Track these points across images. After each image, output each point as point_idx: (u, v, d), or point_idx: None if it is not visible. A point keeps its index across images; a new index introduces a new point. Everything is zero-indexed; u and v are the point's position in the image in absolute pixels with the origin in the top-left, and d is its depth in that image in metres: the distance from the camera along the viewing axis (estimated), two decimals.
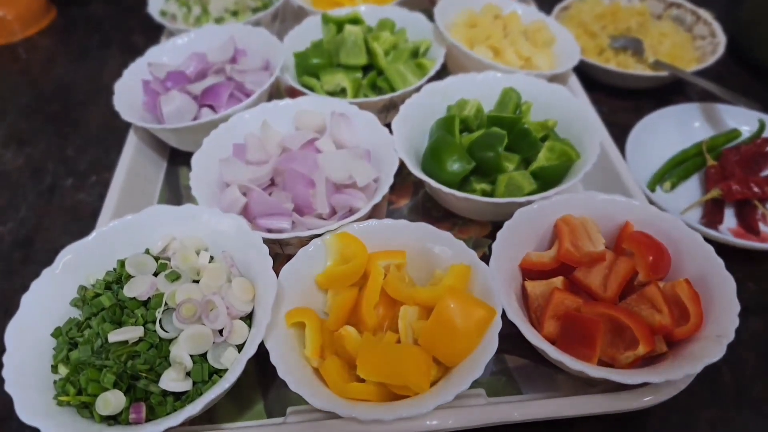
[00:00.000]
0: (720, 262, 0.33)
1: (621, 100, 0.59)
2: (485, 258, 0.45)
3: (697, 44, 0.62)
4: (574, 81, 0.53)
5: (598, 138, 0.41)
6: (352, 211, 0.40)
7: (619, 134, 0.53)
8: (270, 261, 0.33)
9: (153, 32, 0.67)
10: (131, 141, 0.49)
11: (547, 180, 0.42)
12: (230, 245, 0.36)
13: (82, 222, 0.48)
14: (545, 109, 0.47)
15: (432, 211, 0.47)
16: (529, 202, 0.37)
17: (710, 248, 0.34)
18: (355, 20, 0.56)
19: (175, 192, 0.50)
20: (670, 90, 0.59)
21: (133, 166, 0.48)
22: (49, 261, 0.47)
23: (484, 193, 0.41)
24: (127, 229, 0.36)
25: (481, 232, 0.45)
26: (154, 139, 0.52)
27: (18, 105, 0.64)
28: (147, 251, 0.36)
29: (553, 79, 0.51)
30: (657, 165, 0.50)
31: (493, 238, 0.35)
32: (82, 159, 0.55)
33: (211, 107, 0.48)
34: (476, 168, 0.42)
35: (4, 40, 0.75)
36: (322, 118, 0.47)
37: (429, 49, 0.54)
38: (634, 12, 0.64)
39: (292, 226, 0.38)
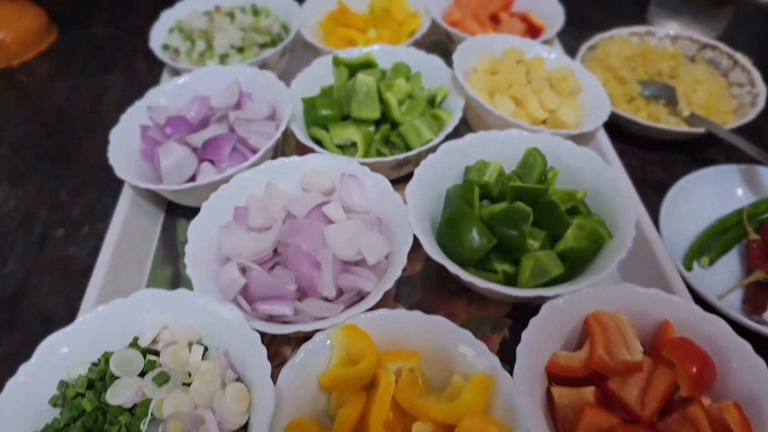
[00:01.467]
0: None
1: (652, 153, 0.55)
2: (505, 343, 0.41)
3: (735, 92, 0.57)
4: (603, 137, 0.49)
5: (633, 215, 0.37)
6: (360, 293, 0.37)
7: (650, 192, 0.49)
8: (268, 367, 0.29)
9: (157, 57, 0.64)
10: (126, 194, 0.46)
11: (576, 262, 0.38)
12: (226, 338, 0.33)
13: (72, 281, 0.45)
14: (573, 175, 0.43)
15: (447, 282, 0.43)
16: (557, 295, 0.34)
17: (762, 364, 0.30)
18: (368, 63, 0.52)
19: (172, 249, 0.46)
20: (706, 142, 0.54)
21: (128, 220, 0.45)
22: (34, 327, 0.44)
23: (506, 276, 0.38)
24: (114, 315, 0.33)
25: (501, 311, 0.41)
26: (151, 191, 0.49)
27: (12, 138, 0.61)
28: (135, 340, 0.33)
29: (581, 135, 0.47)
30: (693, 232, 0.46)
31: (514, 317, 0.31)
32: (75, 205, 0.52)
33: (212, 162, 0.45)
34: (498, 244, 0.39)
35: (2, 64, 0.72)
36: (331, 179, 0.43)
37: (446, 97, 0.50)
38: (666, 55, 0.59)
39: (295, 312, 0.35)
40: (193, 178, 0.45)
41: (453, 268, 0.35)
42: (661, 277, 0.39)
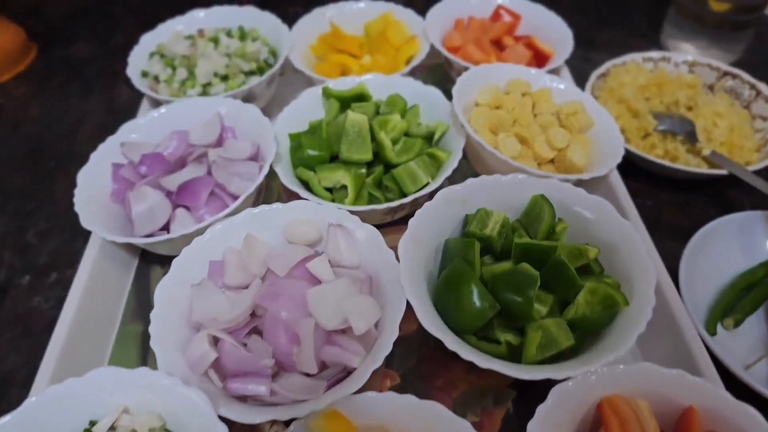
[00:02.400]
0: None
1: (668, 192, 0.51)
2: (508, 417, 0.38)
3: (758, 125, 0.54)
4: (616, 180, 0.45)
5: (653, 280, 0.34)
6: (345, 369, 0.33)
7: (666, 238, 0.46)
8: None
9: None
10: (96, 239, 0.42)
11: (588, 331, 0.35)
12: (192, 424, 0.29)
13: (34, 338, 0.42)
14: (584, 226, 0.39)
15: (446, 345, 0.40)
16: (566, 378, 0.30)
17: None
18: (361, 96, 0.49)
19: (144, 302, 0.43)
20: (728, 181, 0.50)
21: (97, 269, 0.41)
22: None
23: (510, 347, 0.34)
24: (68, 397, 0.29)
25: (504, 380, 0.38)
26: None
27: None
28: (91, 425, 0.30)
29: (592, 180, 0.43)
30: (716, 288, 0.42)
31: (519, 387, 0.27)
32: (43, 248, 0.49)
33: (187, 208, 0.42)
34: (501, 309, 0.35)
35: None
36: (318, 229, 0.40)
37: (446, 134, 0.47)
38: (683, 84, 0.56)
39: (271, 392, 0.32)
40: (167, 225, 0.42)
41: (451, 343, 0.32)
42: (682, 349, 0.35)
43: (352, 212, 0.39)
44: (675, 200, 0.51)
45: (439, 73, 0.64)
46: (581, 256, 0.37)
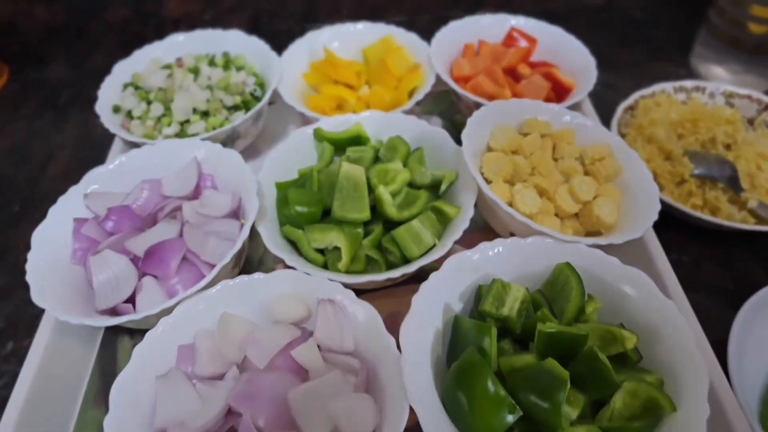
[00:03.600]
0: None
1: (707, 246, 0.46)
2: None
3: None
4: (652, 242, 0.40)
5: (705, 381, 0.29)
6: None
7: (706, 300, 0.41)
8: None
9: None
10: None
11: None
12: None
13: None
14: (618, 303, 0.34)
15: None
16: None
17: None
18: (357, 138, 0.44)
19: (109, 381, 0.35)
20: None
21: (54, 344, 0.37)
22: None
23: None
24: None
25: None
26: None
27: None
28: None
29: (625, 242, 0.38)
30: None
31: None
32: (0, 311, 0.44)
33: (156, 276, 0.37)
34: (523, 414, 0.30)
35: None
36: (306, 306, 0.35)
37: (454, 183, 0.42)
38: (720, 119, 0.50)
39: None
40: (133, 296, 0.37)
41: None
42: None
43: (346, 285, 0.35)
44: (715, 255, 0.45)
45: (445, 101, 0.59)
46: (616, 341, 0.32)
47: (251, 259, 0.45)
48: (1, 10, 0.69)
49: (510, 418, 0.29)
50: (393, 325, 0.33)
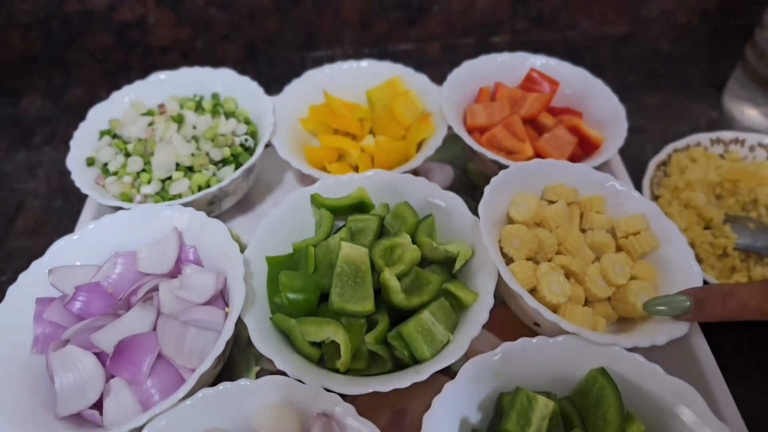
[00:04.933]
0: None
1: (752, 330, 0.41)
2: None
3: None
4: (697, 338, 0.36)
5: None
6: None
7: (751, 392, 0.36)
8: None
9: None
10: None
11: None
12: None
13: None
14: (664, 421, 0.30)
15: None
16: None
17: None
18: (360, 205, 0.40)
19: None
20: None
21: None
22: None
23: None
24: None
25: None
26: None
27: None
28: None
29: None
30: None
31: None
32: None
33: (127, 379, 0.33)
34: None
35: None
36: (298, 421, 0.30)
37: (470, 261, 0.38)
38: (764, 179, 0.46)
39: None
40: (100, 402, 0.33)
41: None
42: None
43: (346, 397, 0.30)
44: (761, 341, 0.41)
45: (458, 146, 0.54)
46: None
47: (239, 339, 0.40)
48: None
49: None
50: (399, 425, 0.29)
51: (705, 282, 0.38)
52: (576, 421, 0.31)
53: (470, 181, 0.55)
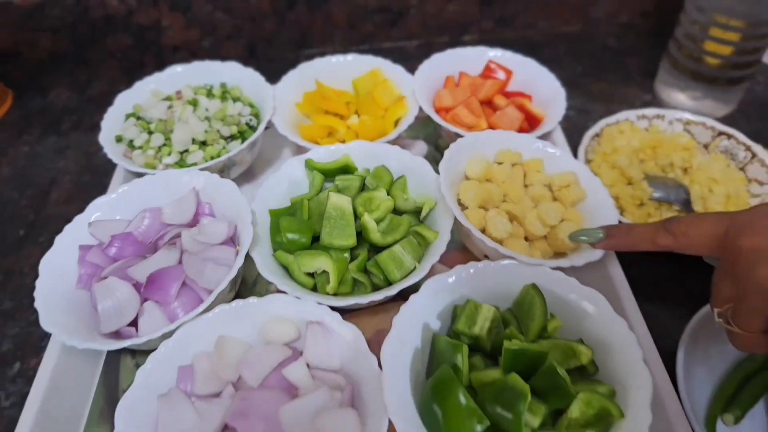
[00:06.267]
0: None
1: (666, 264, 0.49)
2: None
3: (754, 190, 0.52)
4: (612, 262, 0.44)
5: (648, 394, 0.32)
6: None
7: (665, 315, 0.44)
8: None
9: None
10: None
11: None
12: None
13: None
14: (578, 319, 0.38)
15: None
16: None
17: None
18: (345, 168, 0.47)
19: (113, 399, 0.40)
20: None
21: (60, 366, 0.39)
22: None
23: None
24: None
25: None
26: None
27: None
28: None
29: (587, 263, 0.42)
30: (714, 379, 0.41)
31: None
32: (6, 334, 0.46)
33: (157, 301, 0.40)
34: (491, 424, 0.33)
35: None
36: (296, 328, 0.38)
37: (433, 210, 0.45)
38: (678, 146, 0.55)
39: None
40: (136, 320, 0.39)
41: None
42: None
43: (333, 307, 0.38)
44: (670, 275, 0.49)
45: (431, 126, 0.62)
46: (574, 356, 0.36)
47: (246, 281, 0.47)
48: (6, 38, 0.71)
49: (479, 429, 0.32)
50: (378, 342, 0.35)
51: (621, 222, 0.46)
52: (513, 323, 0.38)
53: (440, 154, 0.62)
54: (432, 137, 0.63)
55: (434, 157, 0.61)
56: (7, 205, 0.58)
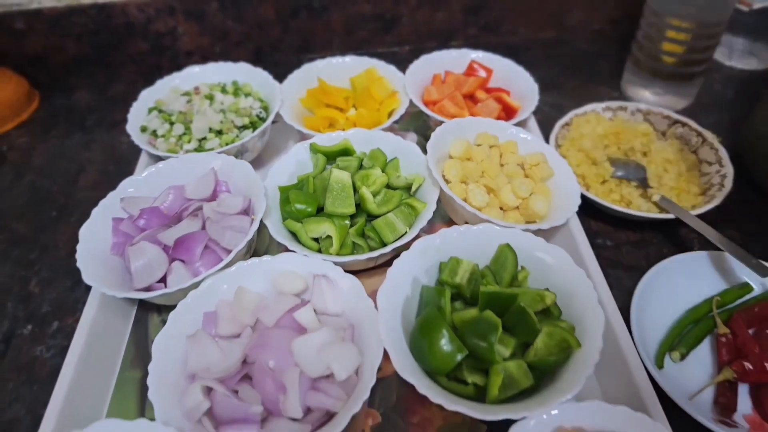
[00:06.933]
0: None
1: (626, 233, 0.56)
2: None
3: (704, 169, 0.60)
4: (575, 225, 0.50)
5: (600, 327, 0.38)
6: (328, 413, 0.37)
7: (624, 276, 0.51)
8: None
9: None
10: (97, 290, 0.46)
11: (546, 371, 0.39)
12: None
13: (39, 386, 0.45)
14: (544, 272, 0.44)
15: None
16: (523, 417, 0.34)
17: None
18: (345, 150, 0.54)
19: (142, 349, 0.46)
20: (680, 222, 0.55)
21: (98, 318, 0.45)
22: None
23: (477, 388, 0.38)
24: None
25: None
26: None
27: None
28: None
29: (552, 227, 0.48)
30: (666, 325, 0.47)
31: (488, 422, 0.30)
32: (45, 297, 0.52)
33: (183, 261, 0.46)
34: (469, 353, 0.39)
35: None
36: (304, 280, 0.44)
37: (422, 185, 0.52)
38: (638, 132, 0.62)
39: None
40: (164, 278, 0.45)
41: (421, 387, 0.36)
42: (632, 384, 0.40)
43: (335, 263, 0.44)
44: (632, 240, 0.56)
45: (420, 119, 0.70)
46: (541, 300, 0.42)
47: (258, 250, 0.54)
48: (35, 44, 0.79)
49: (459, 357, 0.39)
50: (374, 300, 0.42)
51: (583, 197, 0.53)
52: (489, 276, 0.44)
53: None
54: (421, 129, 0.70)
55: (423, 147, 0.68)
56: (40, 191, 0.64)
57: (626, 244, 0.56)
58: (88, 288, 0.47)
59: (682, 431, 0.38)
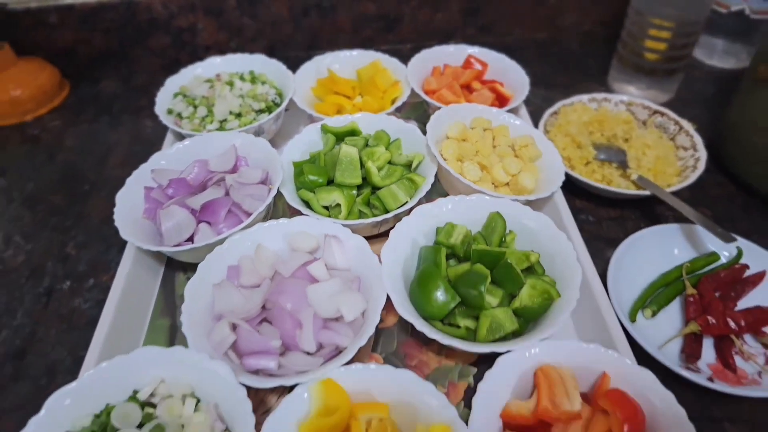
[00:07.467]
0: (691, 427, 0.35)
1: (607, 210, 0.62)
2: (470, 390, 0.46)
3: (680, 155, 0.65)
4: (560, 200, 0.56)
5: (578, 280, 0.44)
6: (338, 348, 0.42)
7: (605, 247, 0.56)
8: (252, 419, 0.34)
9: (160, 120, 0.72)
10: (130, 250, 0.52)
11: (529, 318, 0.44)
12: (216, 392, 0.38)
13: (78, 332, 0.50)
14: (530, 236, 0.50)
15: (420, 333, 0.48)
16: (510, 351, 0.40)
17: (683, 413, 0.36)
18: (352, 131, 0.60)
19: (170, 302, 0.52)
20: (656, 200, 0.62)
21: (131, 275, 0.50)
22: (40, 377, 0.49)
23: (468, 331, 0.43)
24: (116, 370, 0.38)
25: (467, 360, 0.47)
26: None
27: (24, 192, 0.67)
28: (134, 394, 0.38)
29: (538, 200, 0.54)
30: (641, 286, 0.53)
31: (479, 366, 0.35)
32: (81, 258, 0.58)
33: (209, 223, 0.51)
34: (461, 302, 0.45)
35: (16, 120, 0.79)
36: (316, 239, 0.49)
37: (422, 162, 0.58)
38: (620, 120, 0.68)
39: (279, 366, 0.40)
40: (191, 238, 0.51)
41: (419, 325, 0.41)
42: (605, 329, 0.45)
43: (344, 225, 0.49)
44: (612, 216, 0.61)
45: (420, 109, 0.76)
46: (526, 260, 0.47)
47: (275, 217, 0.59)
48: (66, 37, 0.85)
49: (452, 304, 0.44)
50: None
51: (567, 176, 0.59)
52: (480, 239, 0.50)
53: None
54: (421, 118, 0.76)
55: (422, 132, 0.74)
56: (73, 167, 0.70)
57: (607, 220, 0.61)
58: (120, 251, 0.53)
59: None
